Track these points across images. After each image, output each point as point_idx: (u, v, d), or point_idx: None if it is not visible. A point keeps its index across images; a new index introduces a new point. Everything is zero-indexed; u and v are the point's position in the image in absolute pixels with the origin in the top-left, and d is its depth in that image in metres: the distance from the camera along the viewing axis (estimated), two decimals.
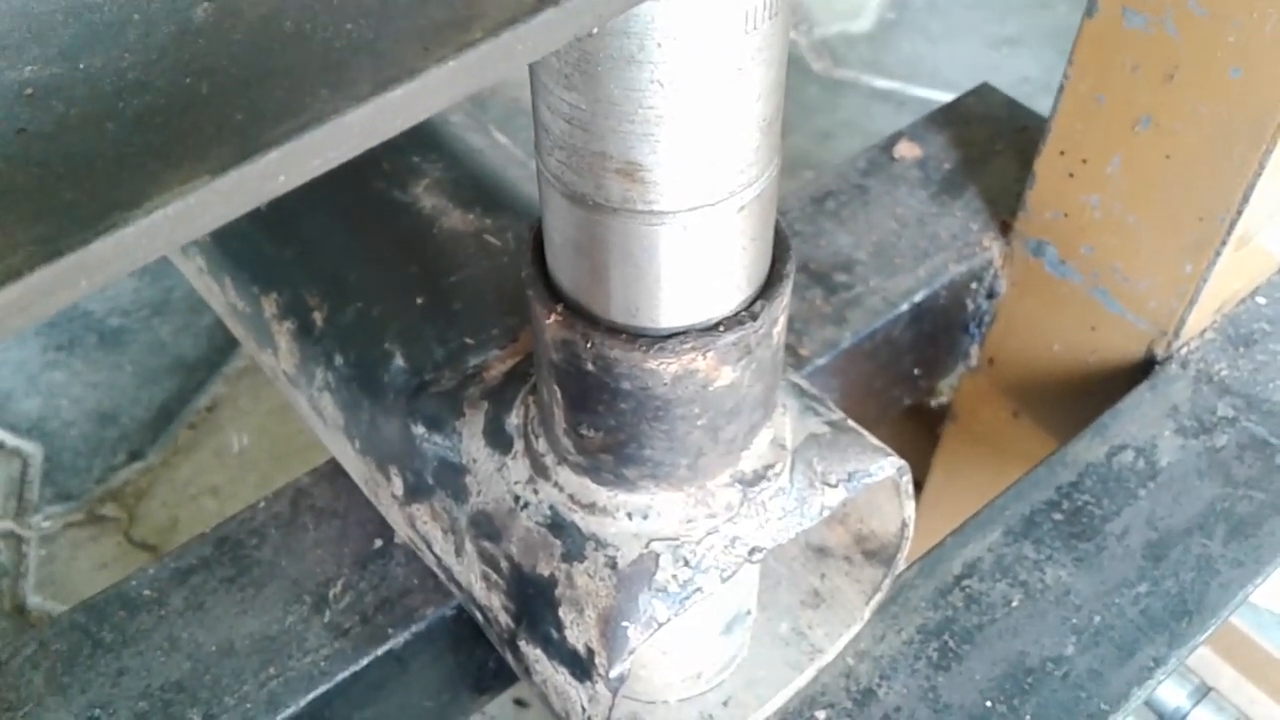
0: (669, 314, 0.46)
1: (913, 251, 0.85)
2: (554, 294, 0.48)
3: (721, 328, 0.47)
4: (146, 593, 0.71)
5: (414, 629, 0.69)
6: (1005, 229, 0.86)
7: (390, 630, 0.68)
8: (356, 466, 0.67)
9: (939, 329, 0.87)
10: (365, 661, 0.67)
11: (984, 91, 0.96)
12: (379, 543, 0.72)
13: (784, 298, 0.49)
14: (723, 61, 0.37)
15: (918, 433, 1.05)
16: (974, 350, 0.91)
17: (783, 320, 0.50)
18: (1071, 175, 0.78)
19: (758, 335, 0.48)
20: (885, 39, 1.67)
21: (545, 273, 0.49)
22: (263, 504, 0.75)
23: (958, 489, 1.01)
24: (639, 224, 0.42)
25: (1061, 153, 0.78)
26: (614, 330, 0.47)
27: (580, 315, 0.47)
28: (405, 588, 0.70)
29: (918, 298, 0.83)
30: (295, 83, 0.25)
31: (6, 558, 1.22)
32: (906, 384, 0.89)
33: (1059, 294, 0.83)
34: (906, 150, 0.91)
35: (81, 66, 0.26)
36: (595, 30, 0.32)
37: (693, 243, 0.43)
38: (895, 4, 1.72)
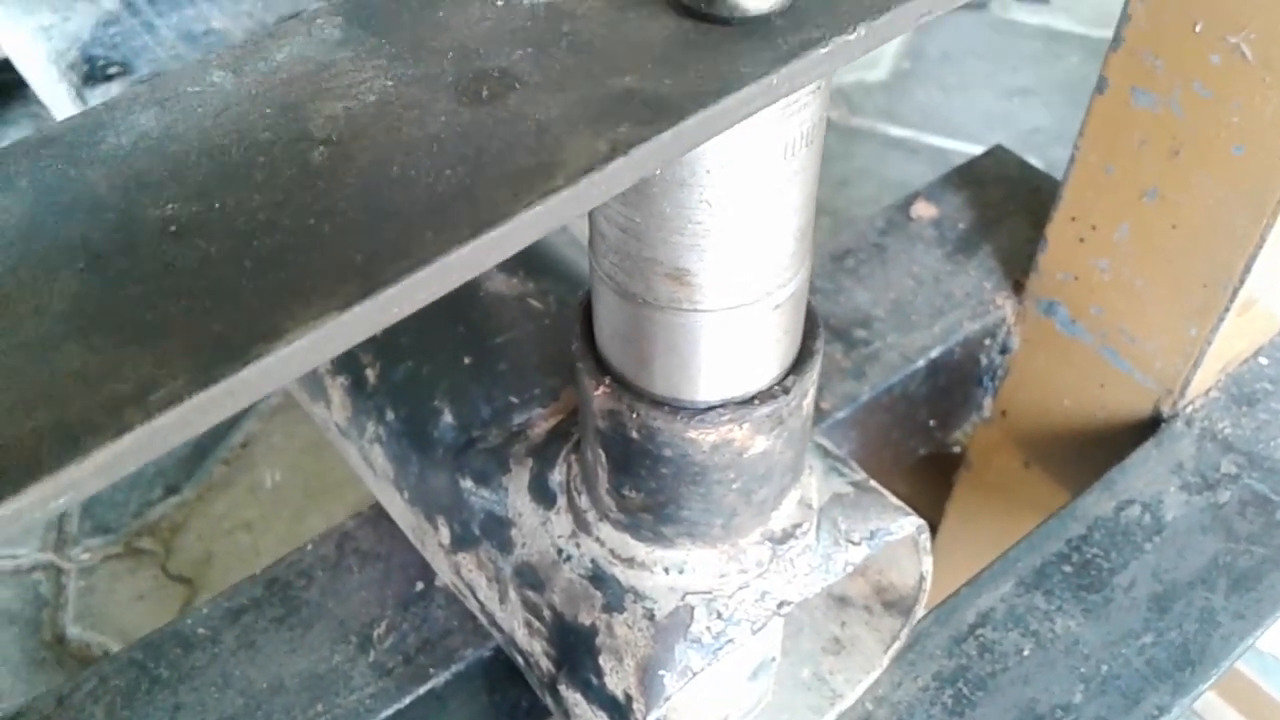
0: (708, 390, 0.50)
1: (929, 309, 0.89)
2: (601, 367, 0.52)
3: (756, 401, 0.51)
4: (201, 631, 0.75)
5: (454, 669, 0.72)
6: (1018, 288, 0.89)
7: (432, 670, 0.72)
8: (404, 515, 0.70)
9: (954, 383, 0.91)
10: (408, 700, 0.71)
11: (998, 153, 1.00)
12: (420, 585, 0.76)
13: (814, 372, 0.53)
14: (764, 184, 0.41)
15: (933, 480, 1.09)
16: (987, 402, 0.95)
17: (812, 392, 0.54)
18: (1082, 240, 0.82)
19: (789, 407, 0.52)
20: (901, 88, 1.71)
21: (593, 346, 0.53)
22: (310, 546, 0.79)
23: (970, 534, 1.04)
24: (683, 319, 0.46)
25: (1073, 219, 0.82)
26: (657, 403, 0.51)
27: (626, 388, 0.51)
28: (446, 629, 0.74)
29: (934, 354, 0.86)
30: (404, 225, 0.29)
31: (47, 589, 1.26)
32: (922, 435, 0.92)
33: (1069, 352, 0.87)
34: (923, 210, 0.95)
35: (217, 206, 0.30)
36: (658, 171, 0.36)
37: (731, 334, 0.47)
38: (910, 54, 1.77)
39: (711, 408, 0.50)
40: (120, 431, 0.25)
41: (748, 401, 0.51)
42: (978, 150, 1.03)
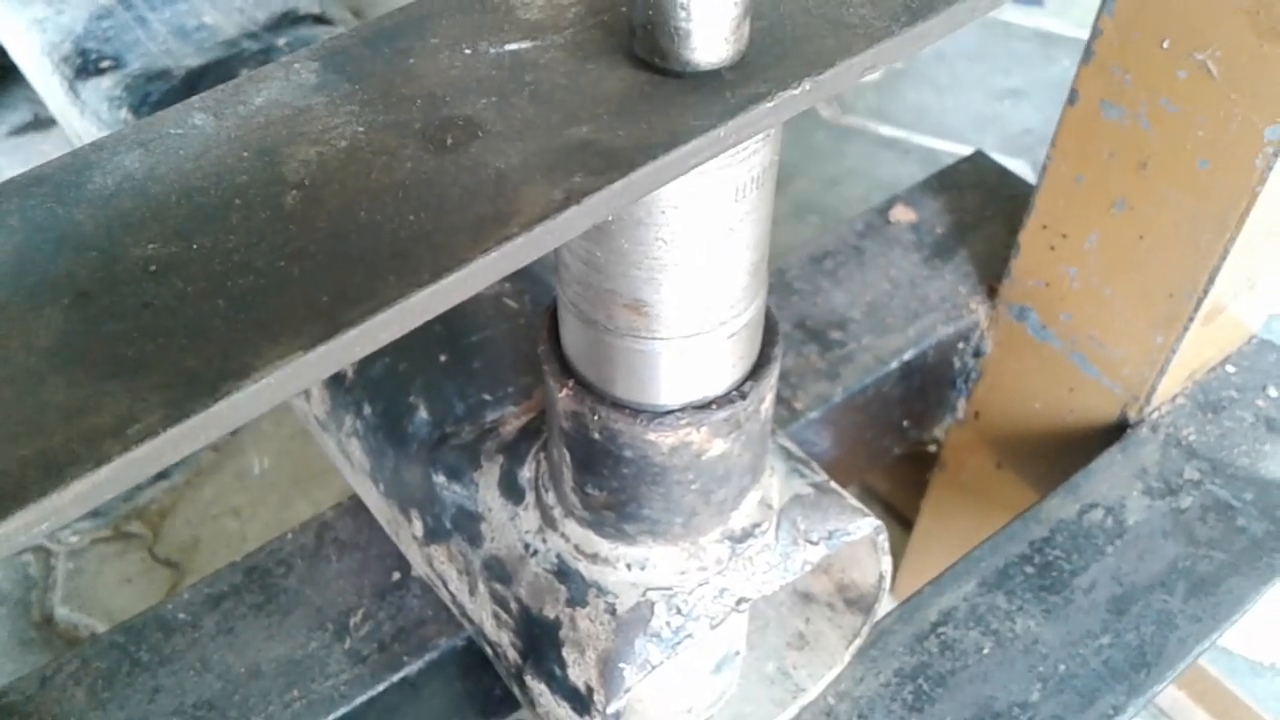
0: (667, 395, 0.51)
1: (904, 312, 0.90)
2: (566, 369, 0.54)
3: (714, 406, 0.52)
4: (181, 616, 0.76)
5: (428, 658, 0.74)
6: (992, 293, 0.91)
7: (406, 658, 0.74)
8: (380, 507, 0.72)
9: (928, 384, 0.92)
10: (382, 687, 0.73)
11: (977, 159, 1.01)
12: (397, 575, 0.78)
13: (771, 378, 0.54)
14: (717, 224, 0.43)
15: (909, 478, 1.10)
16: (961, 404, 0.97)
17: (770, 396, 0.55)
18: (1052, 248, 0.84)
19: (747, 412, 0.53)
20: (893, 88, 1.73)
21: (559, 349, 0.55)
22: (290, 535, 0.80)
23: (944, 532, 1.06)
24: (642, 345, 0.48)
25: (1044, 226, 0.84)
26: (618, 405, 0.52)
27: (589, 390, 0.53)
28: (420, 619, 0.76)
29: (907, 356, 0.88)
30: (369, 268, 0.31)
31: (36, 570, 1.27)
32: (896, 435, 0.94)
33: (1040, 356, 0.88)
34: (901, 214, 0.96)
35: (194, 247, 0.32)
36: (611, 218, 0.38)
37: (688, 358, 0.49)
38: None
39: (670, 411, 0.52)
40: (100, 462, 0.26)
41: (706, 406, 0.52)
42: (965, 150, 1.04)
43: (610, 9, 0.39)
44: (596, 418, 0.53)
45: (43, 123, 1.74)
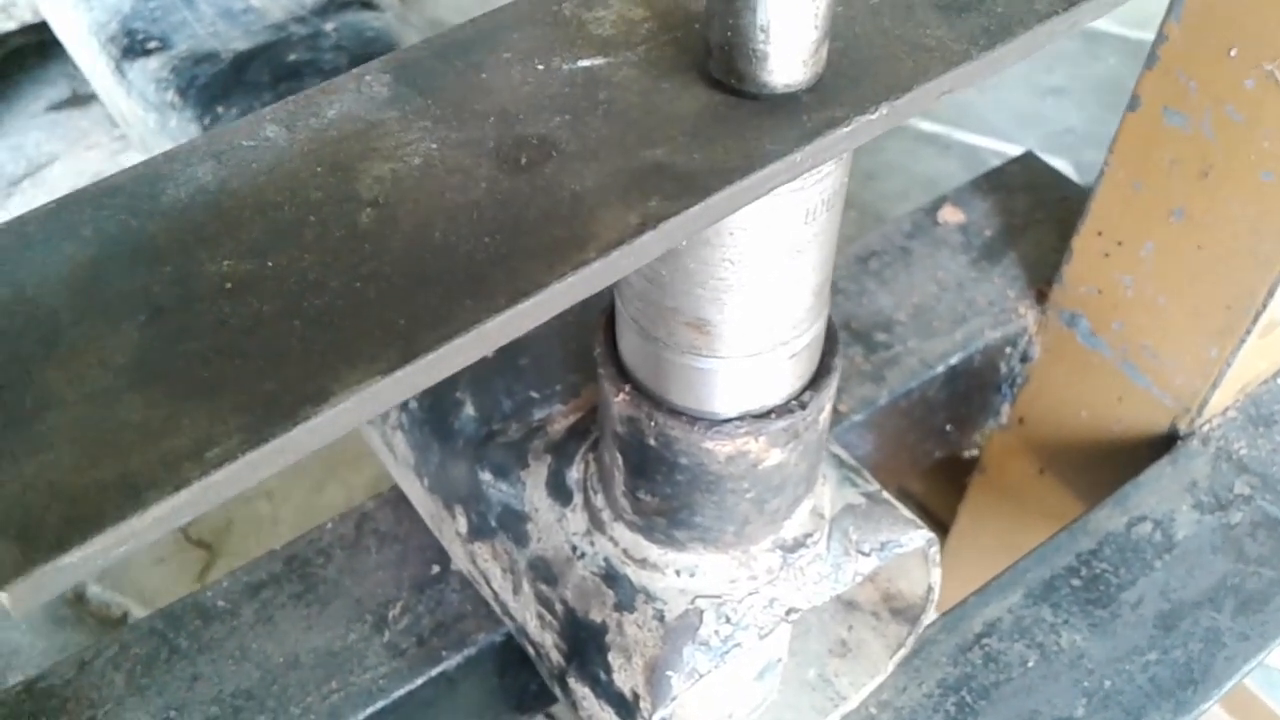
0: (725, 405, 0.51)
1: (951, 315, 0.89)
2: (622, 374, 0.53)
3: (773, 415, 0.52)
4: (220, 604, 0.76)
5: (466, 653, 0.74)
6: (1041, 297, 0.90)
7: (444, 653, 0.73)
8: (423, 501, 0.72)
9: (972, 389, 0.91)
10: (420, 681, 0.73)
11: (1028, 160, 1.00)
12: (436, 569, 0.77)
13: (831, 388, 0.53)
14: (785, 246, 0.43)
15: (946, 481, 1.09)
16: (1005, 409, 0.95)
17: (829, 406, 0.55)
18: (1107, 255, 0.82)
19: (806, 422, 0.53)
20: None
21: (615, 353, 0.54)
22: (329, 525, 0.80)
23: (982, 538, 1.05)
24: (702, 363, 0.47)
25: (1099, 233, 0.82)
26: (675, 412, 0.52)
27: (645, 396, 0.52)
28: (459, 613, 0.75)
29: (954, 360, 0.87)
30: (445, 291, 0.30)
31: None
32: (939, 439, 0.93)
33: (1089, 364, 0.87)
34: (950, 215, 0.95)
35: (270, 264, 0.31)
36: (684, 242, 0.37)
37: (747, 376, 0.48)
38: None
39: (728, 420, 0.51)
40: (179, 486, 0.26)
41: (765, 415, 0.52)
42: (1009, 148, 1.03)
43: (683, 25, 0.38)
44: (653, 424, 0.52)
45: (80, 99, 1.74)
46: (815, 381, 0.53)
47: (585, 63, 0.37)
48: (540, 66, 0.37)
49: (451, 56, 0.37)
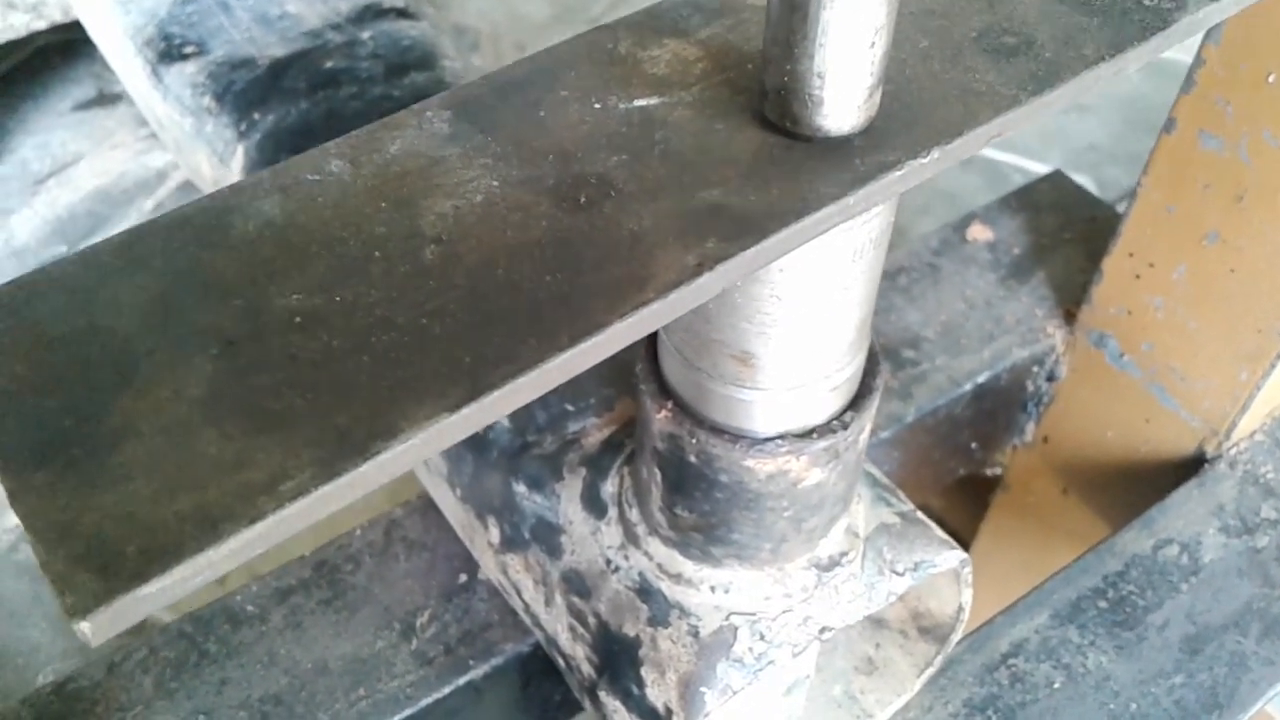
0: (767, 424, 0.51)
1: (979, 333, 0.89)
2: (664, 390, 0.54)
3: (815, 435, 0.52)
4: (250, 608, 0.77)
5: (493, 662, 0.74)
6: (1069, 317, 0.90)
7: (471, 662, 0.74)
8: (455, 511, 0.72)
9: (998, 407, 0.91)
10: (447, 690, 0.73)
11: (1056, 178, 1.00)
12: (464, 577, 0.78)
13: (872, 409, 0.54)
14: (832, 283, 0.43)
15: (968, 498, 1.09)
16: (1030, 427, 0.95)
17: (869, 427, 0.55)
18: (1138, 276, 0.82)
19: (846, 442, 0.53)
20: None
21: (657, 369, 0.54)
22: (358, 532, 0.81)
23: (1003, 556, 1.05)
24: (744, 394, 0.48)
25: (1130, 254, 0.82)
26: (717, 430, 0.52)
27: (687, 413, 0.53)
28: (486, 622, 0.76)
29: (981, 379, 0.87)
30: (509, 329, 0.31)
31: None
32: (963, 456, 0.93)
33: (1117, 385, 0.87)
34: (979, 232, 0.95)
35: (337, 299, 0.31)
36: (740, 282, 0.37)
37: (789, 405, 0.49)
38: None
39: (770, 439, 0.52)
40: (254, 519, 0.26)
41: (806, 435, 0.52)
42: (1032, 165, 1.03)
43: (736, 66, 0.39)
44: (694, 441, 0.52)
45: (107, 98, 1.75)
46: (856, 402, 0.53)
47: (641, 102, 0.37)
48: (597, 105, 0.37)
49: (510, 94, 0.38)
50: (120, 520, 0.27)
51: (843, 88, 0.35)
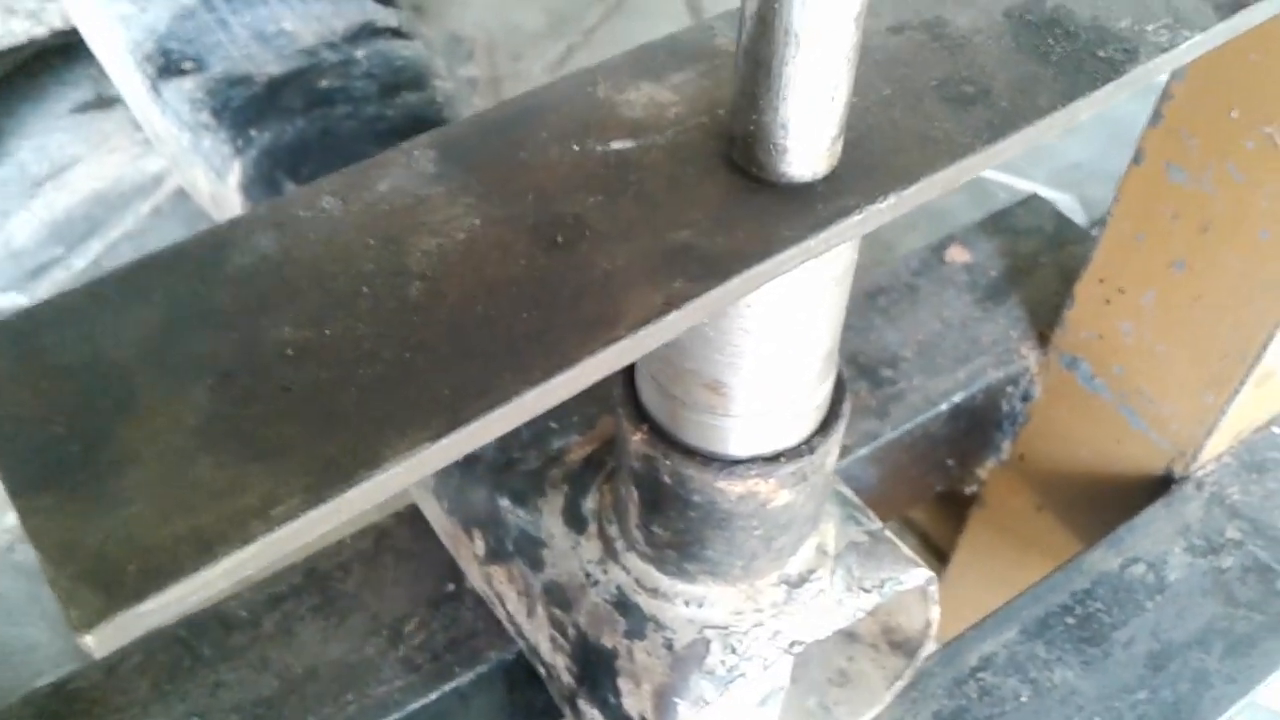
0: (738, 447, 0.53)
1: (955, 353, 0.92)
2: (640, 414, 0.56)
3: (783, 459, 0.54)
4: (242, 614, 0.79)
5: (478, 670, 0.76)
6: (1043, 339, 0.92)
7: (457, 669, 0.76)
8: (441, 522, 0.74)
9: (974, 426, 0.94)
10: (434, 696, 0.75)
11: (1034, 202, 1.02)
12: (451, 586, 0.80)
13: (839, 434, 0.56)
14: (797, 318, 0.46)
15: (948, 512, 1.12)
16: (1006, 445, 0.98)
17: (836, 451, 0.57)
18: (1108, 302, 0.85)
19: (813, 465, 0.55)
20: None
21: (634, 393, 0.56)
22: (349, 540, 0.83)
23: (980, 570, 1.07)
24: (716, 420, 0.50)
25: (1101, 280, 0.85)
26: (690, 452, 0.54)
27: (662, 436, 0.55)
28: (473, 630, 0.78)
29: (957, 398, 0.89)
30: (486, 363, 0.33)
31: None
32: (940, 474, 0.95)
33: (1089, 406, 0.90)
34: (957, 254, 0.98)
35: (327, 333, 0.33)
36: (708, 320, 0.40)
37: (760, 429, 0.51)
38: None
39: (740, 462, 0.54)
40: (246, 541, 0.28)
41: (774, 458, 0.54)
42: (1016, 181, 1.05)
43: (708, 110, 0.41)
44: (668, 463, 0.55)
45: (105, 101, 1.77)
46: (824, 427, 0.55)
47: (617, 145, 0.39)
48: (575, 147, 0.39)
49: (493, 135, 0.40)
50: (121, 541, 0.29)
51: (805, 138, 0.37)
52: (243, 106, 0.90)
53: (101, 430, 0.31)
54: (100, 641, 0.28)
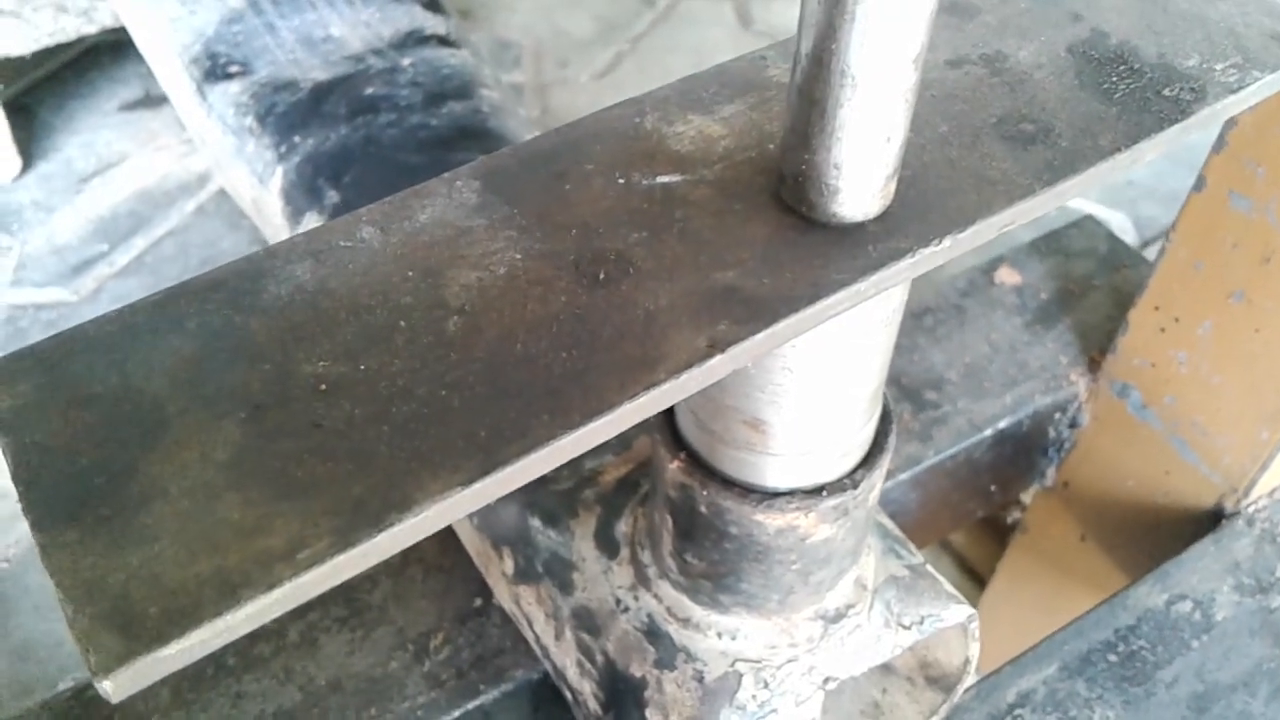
0: (777, 479, 0.52)
1: (1002, 377, 0.90)
2: (678, 441, 0.55)
3: (825, 492, 0.53)
4: (267, 624, 0.78)
5: (503, 688, 0.75)
6: (1093, 365, 0.90)
7: (482, 686, 0.75)
8: (471, 539, 0.73)
9: (1019, 452, 0.92)
10: (457, 713, 0.74)
11: (1087, 224, 1.00)
12: (478, 602, 0.79)
13: (883, 468, 0.54)
14: (843, 358, 0.44)
15: (987, 536, 1.09)
16: (1050, 471, 0.96)
17: (879, 485, 0.56)
18: (1163, 330, 0.82)
19: (856, 500, 0.54)
20: None
21: (672, 421, 0.55)
22: None
23: (1018, 598, 1.05)
24: (755, 458, 0.49)
25: (1156, 308, 0.82)
26: (728, 483, 0.53)
27: (699, 465, 0.54)
28: (499, 648, 0.77)
29: (1002, 424, 0.87)
30: (524, 404, 0.32)
31: None
32: (982, 499, 0.93)
33: (1138, 435, 0.87)
34: (1007, 276, 0.96)
35: (362, 367, 0.32)
36: (751, 364, 0.38)
37: (800, 467, 0.50)
38: None
39: (780, 494, 0.52)
40: (271, 585, 0.27)
41: (816, 491, 0.53)
42: (1071, 201, 1.03)
43: (757, 145, 0.39)
44: (705, 493, 0.53)
45: (153, 100, 1.78)
46: (868, 460, 0.54)
47: (663, 179, 0.38)
48: (621, 180, 0.38)
49: (537, 166, 0.39)
50: (145, 581, 0.28)
51: (858, 178, 0.36)
52: (287, 112, 0.90)
53: (129, 462, 0.31)
54: (118, 687, 0.27)
